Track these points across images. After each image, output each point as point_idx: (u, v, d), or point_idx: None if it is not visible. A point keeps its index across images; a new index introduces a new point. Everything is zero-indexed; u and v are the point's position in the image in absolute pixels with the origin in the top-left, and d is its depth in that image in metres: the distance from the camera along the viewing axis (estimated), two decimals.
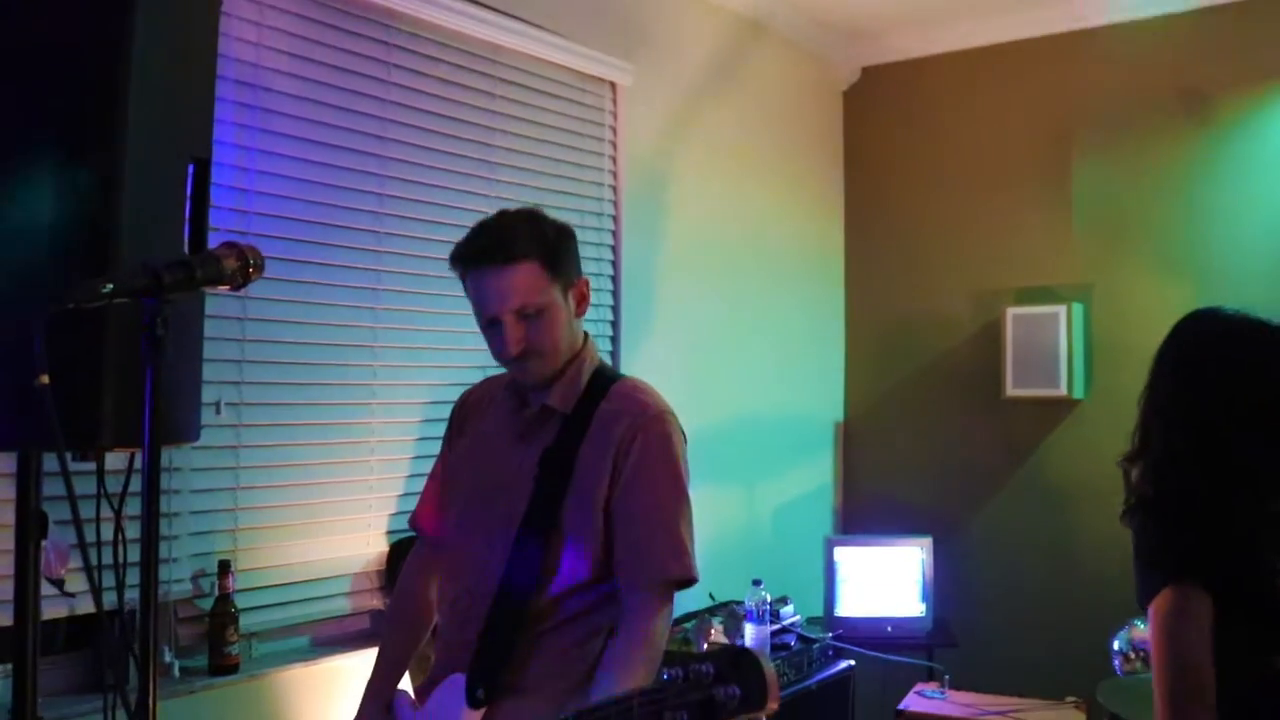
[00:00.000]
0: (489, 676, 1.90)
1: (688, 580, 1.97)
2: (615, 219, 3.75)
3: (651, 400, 2.06)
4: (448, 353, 3.14)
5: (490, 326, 1.98)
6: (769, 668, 1.43)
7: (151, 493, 1.37)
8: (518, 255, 1.94)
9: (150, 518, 1.36)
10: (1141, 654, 3.56)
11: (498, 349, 1.99)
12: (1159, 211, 4.32)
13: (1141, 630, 3.54)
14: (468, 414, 2.20)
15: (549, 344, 1.97)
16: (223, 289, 1.49)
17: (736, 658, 1.43)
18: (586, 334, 2.11)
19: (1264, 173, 4.12)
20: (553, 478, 1.97)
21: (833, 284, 5.01)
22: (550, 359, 1.99)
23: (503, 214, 2.06)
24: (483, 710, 1.89)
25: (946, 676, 3.85)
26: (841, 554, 4.25)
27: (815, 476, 4.86)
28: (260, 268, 1.50)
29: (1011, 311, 4.43)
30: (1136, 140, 4.37)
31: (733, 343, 4.27)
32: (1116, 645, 3.64)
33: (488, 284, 1.95)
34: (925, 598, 4.19)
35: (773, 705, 1.44)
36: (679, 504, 2.00)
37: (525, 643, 1.93)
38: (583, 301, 2.06)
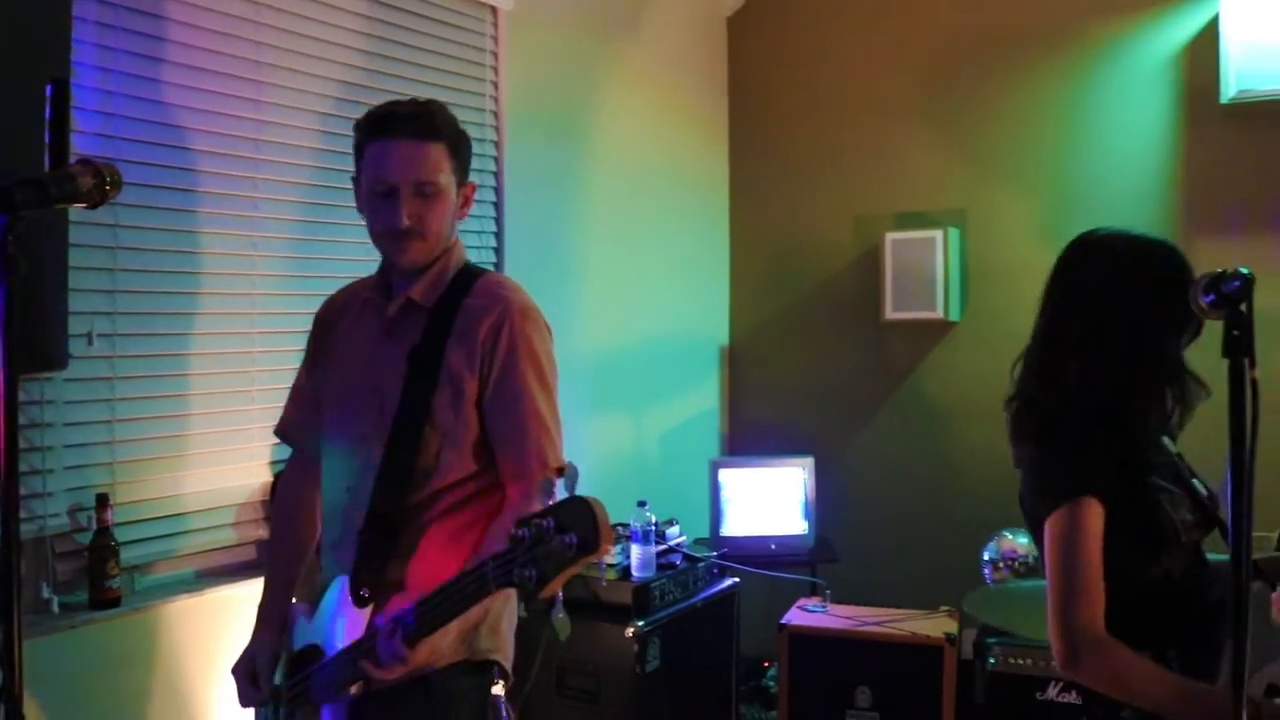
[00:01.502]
0: (372, 575, 1.93)
1: (559, 469, 2.02)
2: (498, 145, 3.72)
3: (515, 295, 2.09)
4: (330, 280, 3.09)
5: (384, 198, 2.00)
6: (601, 513, 1.51)
7: (10, 419, 1.33)
8: (433, 134, 2.00)
9: (10, 446, 1.33)
10: (1009, 563, 3.74)
11: (385, 221, 2.00)
12: (1029, 138, 4.44)
13: (1010, 540, 3.72)
14: (331, 320, 2.22)
15: (434, 227, 2.01)
16: (79, 206, 1.45)
17: (572, 507, 1.50)
18: (457, 237, 2.14)
19: (1127, 99, 4.26)
20: (422, 375, 2.00)
21: (717, 209, 5.05)
22: (430, 242, 2.03)
23: (418, 99, 2.09)
24: (369, 609, 1.92)
25: (828, 591, 3.99)
26: (726, 475, 4.34)
27: (702, 400, 4.94)
28: (117, 185, 1.46)
29: (890, 237, 4.53)
30: (1008, 69, 4.47)
31: (618, 268, 4.29)
32: (986, 556, 3.82)
33: (396, 153, 1.98)
34: (808, 516, 4.31)
35: (606, 547, 1.52)
36: (547, 399, 2.05)
37: (406, 539, 1.96)
38: (466, 204, 2.11)
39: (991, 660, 3.34)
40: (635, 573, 3.50)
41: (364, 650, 1.84)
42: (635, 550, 3.51)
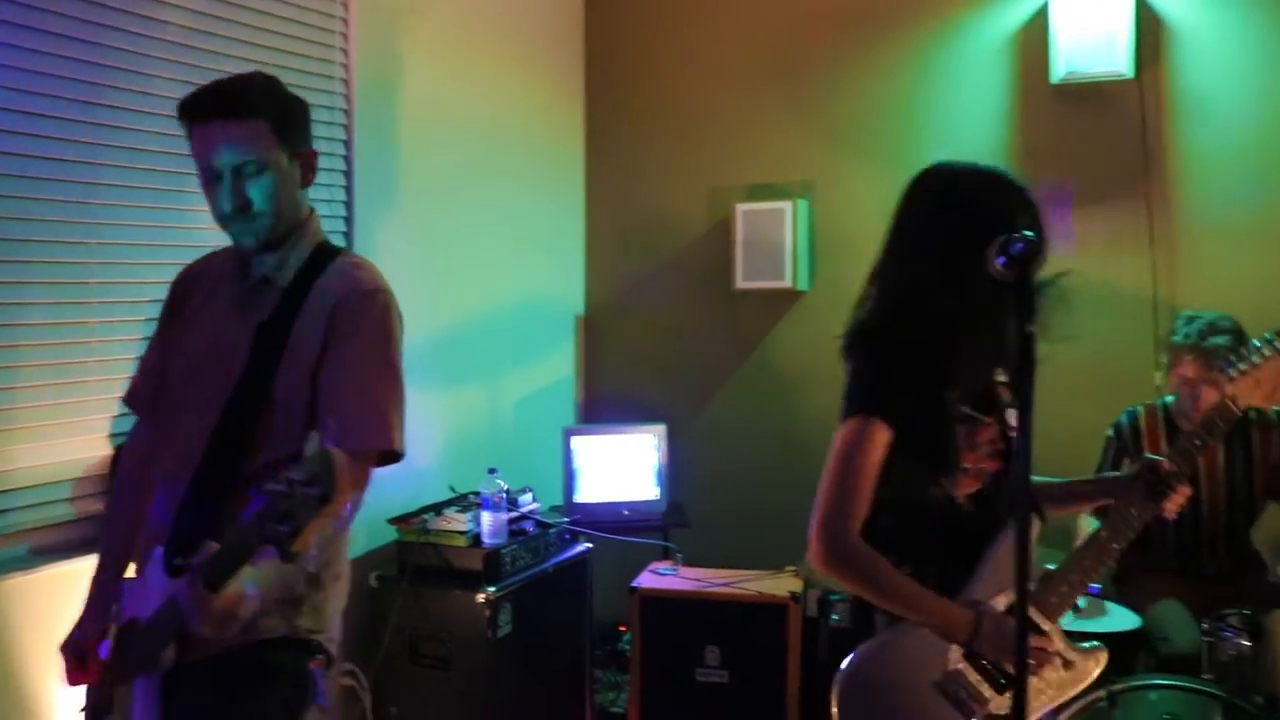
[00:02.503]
0: (187, 545, 1.88)
1: (390, 453, 2.03)
2: (347, 113, 3.66)
3: (368, 277, 2.08)
4: (173, 250, 3.02)
5: (212, 183, 1.97)
6: (340, 462, 1.56)
7: None
8: (245, 111, 1.95)
9: None
10: None
11: (214, 206, 1.99)
12: (875, 113, 4.58)
13: None
14: (187, 289, 2.18)
15: (267, 205, 1.98)
16: None
17: (320, 459, 1.55)
18: (313, 209, 2.12)
19: (966, 77, 4.44)
20: (267, 350, 1.99)
21: (573, 178, 5.07)
22: (266, 220, 1.99)
23: (238, 75, 2.05)
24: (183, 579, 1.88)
25: (679, 555, 4.08)
26: (579, 443, 4.39)
27: (557, 368, 4.97)
28: None
29: (741, 208, 4.63)
30: (855, 45, 4.60)
31: (472, 237, 4.28)
32: None
33: (212, 137, 1.95)
34: (660, 482, 4.40)
35: (341, 498, 1.57)
36: (386, 379, 2.04)
37: (230, 514, 1.90)
38: (310, 172, 2.08)
39: (835, 617, 3.48)
40: (486, 539, 3.53)
41: (168, 613, 1.83)
42: (486, 517, 3.54)
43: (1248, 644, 2.75)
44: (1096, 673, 2.11)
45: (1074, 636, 2.97)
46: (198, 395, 2.03)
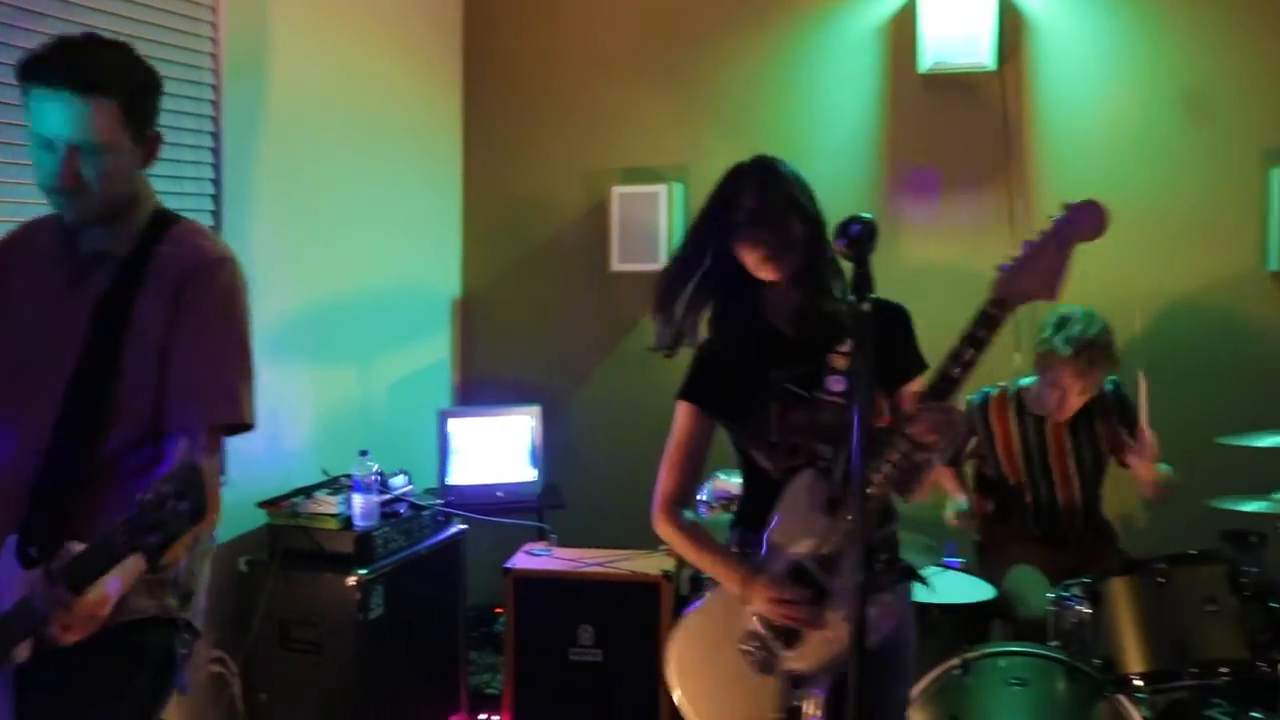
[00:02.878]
0: (42, 534, 1.84)
1: (239, 424, 1.98)
2: (215, 88, 3.56)
3: (212, 245, 2.03)
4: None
5: (43, 149, 1.88)
6: (210, 480, 1.57)
7: None
8: (96, 88, 1.85)
9: None
10: (723, 502, 3.94)
11: (44, 175, 1.89)
12: (748, 98, 4.66)
13: (723, 481, 3.92)
14: (4, 264, 2.07)
15: (102, 185, 1.91)
16: None
17: (188, 474, 1.55)
18: (146, 181, 2.05)
19: (837, 65, 4.54)
20: (108, 326, 1.92)
21: (450, 161, 5.03)
22: (96, 201, 1.92)
23: (92, 38, 1.94)
24: (39, 570, 1.83)
25: (553, 535, 4.10)
26: (454, 425, 4.37)
27: (433, 351, 4.94)
28: None
29: (617, 191, 4.66)
30: (729, 31, 4.67)
31: (346, 217, 4.22)
32: (701, 496, 4.02)
33: (56, 107, 1.85)
34: (535, 463, 4.41)
35: (212, 516, 1.59)
36: (233, 349, 1.99)
37: (85, 496, 1.88)
38: (150, 156, 2.00)
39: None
40: (357, 522, 3.50)
41: (25, 609, 1.78)
42: (357, 500, 3.51)
43: (1088, 611, 2.88)
44: (881, 630, 2.13)
45: (951, 609, 3.11)
46: (36, 379, 1.95)
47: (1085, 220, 2.03)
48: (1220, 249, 4.19)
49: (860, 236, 1.63)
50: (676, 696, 2.33)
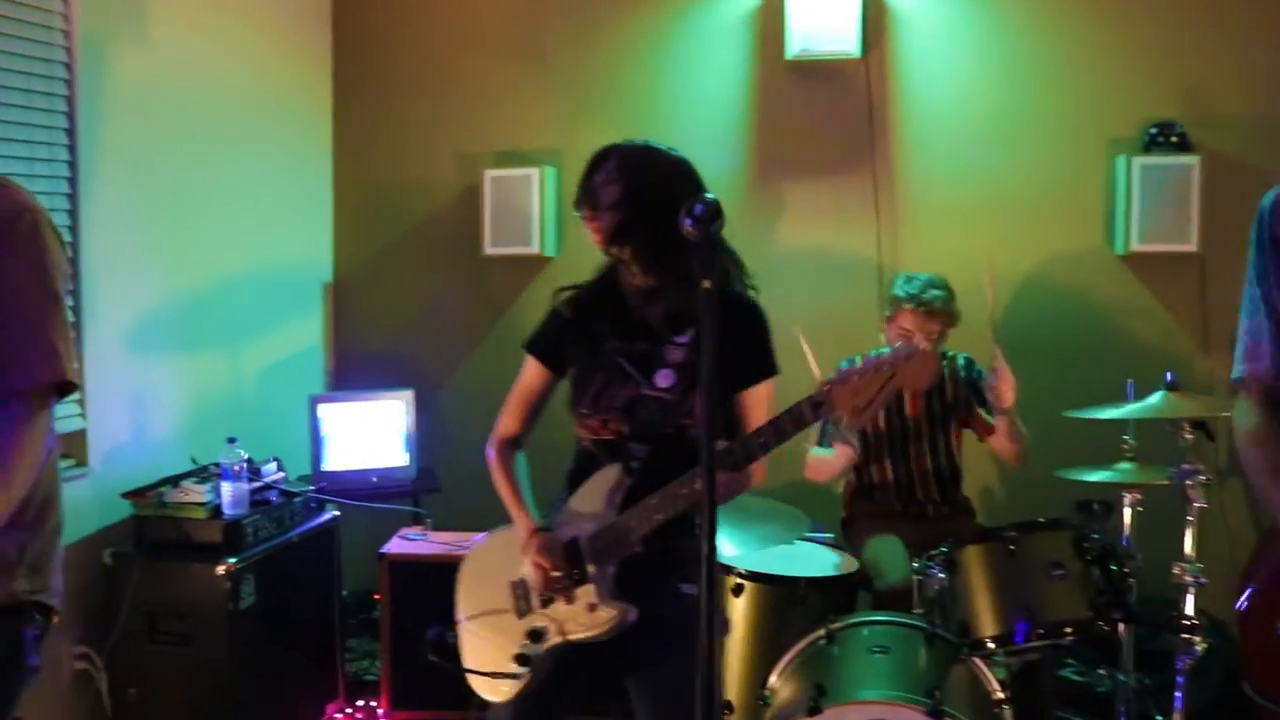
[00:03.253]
0: None
1: (63, 385, 1.94)
2: (69, 66, 3.44)
3: (13, 196, 1.95)
4: None
5: None
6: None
7: None
8: None
9: None
10: None
11: None
12: (620, 82, 4.70)
13: None
14: None
15: None
16: None
17: None
18: None
19: (707, 50, 4.61)
20: None
21: (320, 142, 4.96)
22: None
23: None
24: None
25: (429, 520, 4.10)
26: (326, 411, 4.33)
27: (304, 336, 4.87)
28: None
29: (490, 174, 4.66)
30: (600, 14, 4.71)
31: (210, 199, 4.12)
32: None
33: None
34: (409, 448, 4.39)
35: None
36: (47, 305, 1.92)
37: None
38: None
39: None
40: (226, 510, 3.45)
41: None
42: (226, 488, 3.46)
43: (945, 578, 3.00)
44: (609, 626, 2.30)
45: (817, 582, 3.20)
46: None
47: (917, 370, 2.05)
48: (1070, 232, 4.39)
49: (702, 217, 1.67)
50: (458, 598, 2.57)
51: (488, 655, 2.43)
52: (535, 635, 2.33)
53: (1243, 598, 1.95)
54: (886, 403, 2.07)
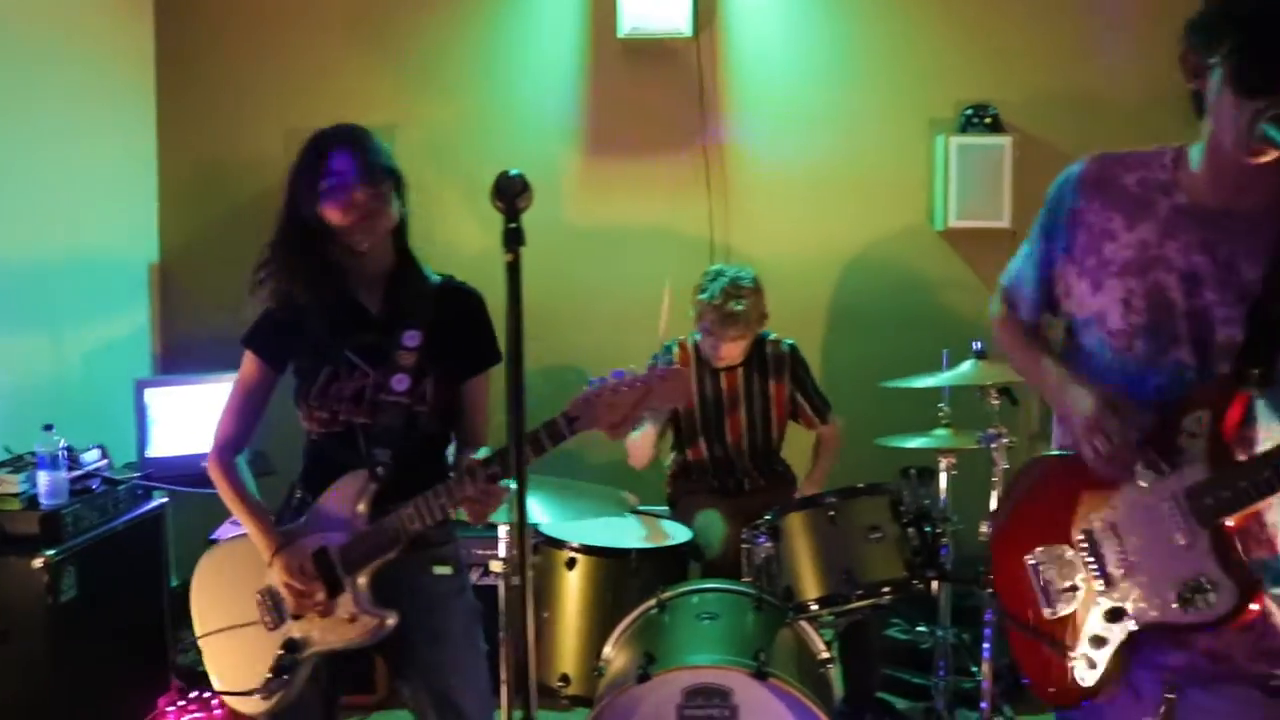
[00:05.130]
0: None
1: None
2: None
3: None
4: None
5: None
6: None
7: None
8: None
9: None
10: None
11: None
12: (454, 58, 4.68)
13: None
14: None
15: None
16: None
17: None
18: None
19: (542, 26, 4.63)
20: None
21: (143, 118, 4.77)
22: None
23: None
24: None
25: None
26: (152, 395, 4.20)
27: (130, 319, 4.71)
28: None
29: None
30: None
31: (27, 178, 3.94)
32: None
33: None
34: None
35: None
36: None
37: None
38: None
39: None
40: (43, 501, 3.33)
41: None
42: (42, 477, 3.33)
43: (771, 546, 3.11)
44: (369, 635, 2.31)
45: (648, 554, 3.26)
46: None
47: (672, 388, 2.12)
48: (894, 209, 4.57)
49: (507, 191, 1.68)
50: (194, 614, 2.48)
51: (240, 670, 2.37)
52: (291, 647, 2.31)
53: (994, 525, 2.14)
54: (639, 419, 2.16)
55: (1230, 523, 1.69)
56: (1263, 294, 1.69)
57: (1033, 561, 1.93)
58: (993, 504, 3.31)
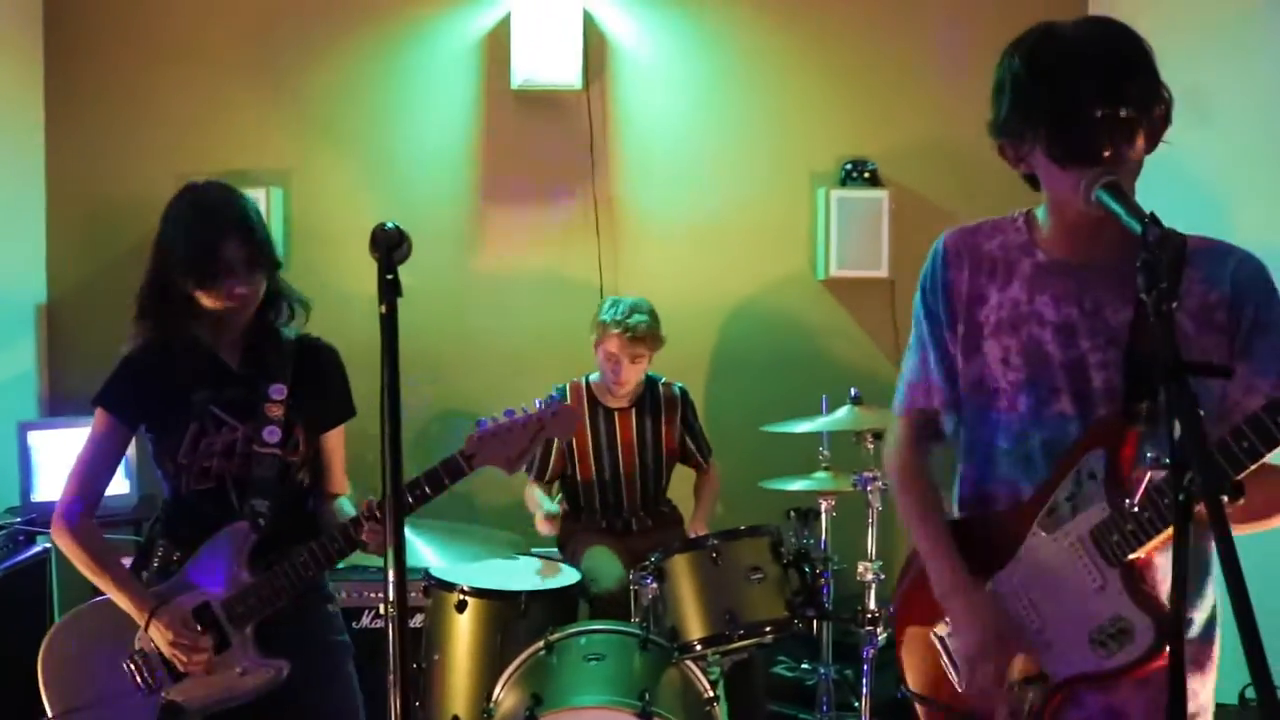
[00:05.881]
0: None
1: None
2: None
3: None
4: None
5: None
6: None
7: None
8: None
9: None
10: None
11: None
12: (350, 106, 4.73)
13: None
14: None
15: None
16: None
17: None
18: None
19: (436, 77, 4.72)
20: None
21: (31, 156, 4.71)
22: None
23: None
24: None
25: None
26: (37, 438, 4.15)
27: (14, 360, 4.63)
28: None
29: None
30: (330, 36, 4.71)
31: None
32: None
33: None
34: (129, 475, 4.26)
35: None
36: None
37: None
38: None
39: None
40: None
41: None
42: None
43: (657, 586, 3.20)
44: (264, 686, 2.33)
45: (538, 595, 3.31)
46: None
47: (563, 422, 2.33)
48: (778, 258, 4.75)
49: (384, 243, 1.71)
50: (42, 685, 2.41)
51: None
52: (172, 712, 2.29)
53: (895, 603, 2.11)
54: (534, 452, 2.31)
55: (1139, 558, 1.69)
56: (1132, 336, 1.70)
57: (940, 634, 1.91)
58: (870, 545, 3.46)
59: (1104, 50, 1.67)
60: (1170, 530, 1.60)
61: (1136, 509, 1.65)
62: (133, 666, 2.34)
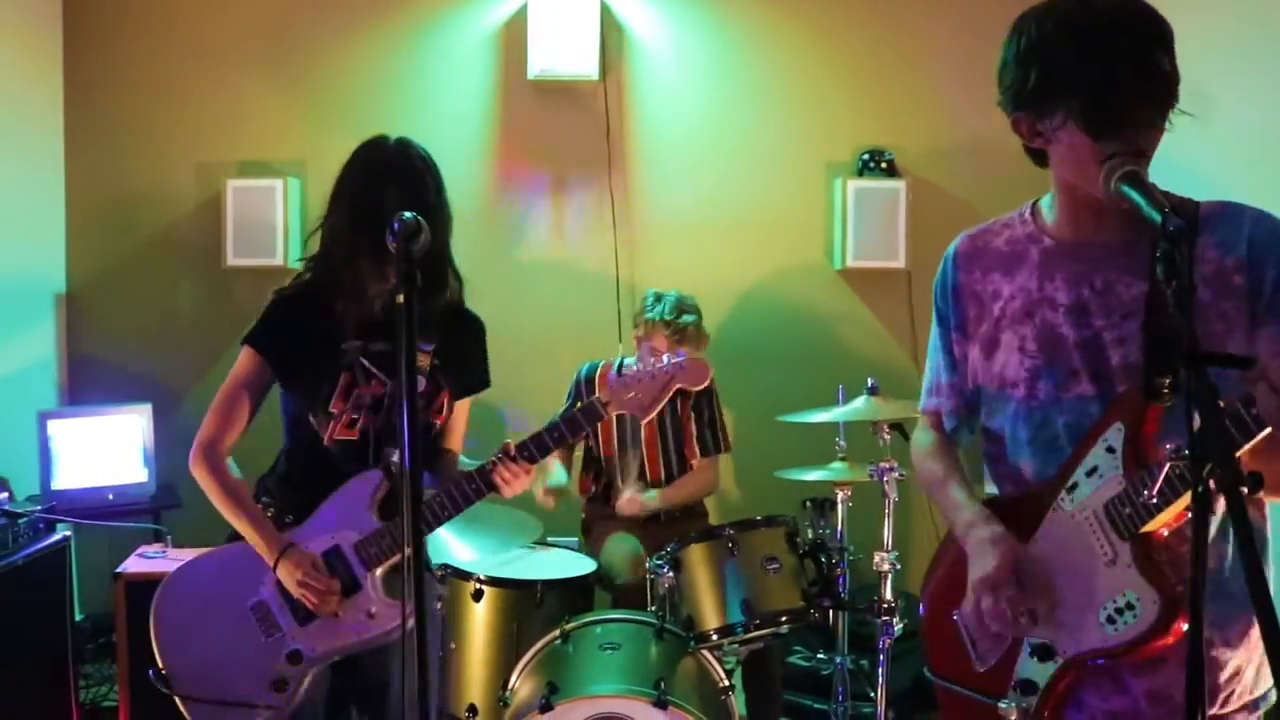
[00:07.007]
0: None
1: None
2: None
3: None
4: None
5: None
6: None
7: None
8: None
9: None
10: None
11: None
12: (366, 96, 4.75)
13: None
14: None
15: None
16: None
17: None
18: None
19: (453, 66, 4.73)
20: None
21: (50, 148, 4.74)
22: None
23: None
24: None
25: (169, 536, 4.01)
26: (56, 427, 4.18)
27: (34, 350, 4.66)
28: None
29: (232, 184, 4.59)
30: (347, 27, 4.74)
31: None
32: None
33: None
34: (148, 463, 4.29)
35: None
36: None
37: None
38: None
39: None
40: None
41: None
42: None
43: (673, 576, 3.21)
44: (393, 628, 2.35)
45: (554, 584, 3.31)
46: None
47: (694, 373, 2.46)
48: (794, 248, 4.74)
49: (401, 233, 1.73)
50: (157, 649, 2.42)
51: (234, 687, 2.36)
52: (294, 657, 2.33)
53: (924, 587, 2.11)
54: (664, 401, 2.42)
55: (1154, 530, 1.67)
56: (1148, 311, 1.69)
57: (959, 617, 1.91)
58: (886, 536, 3.45)
59: (1141, 19, 1.65)
60: (1184, 501, 1.59)
61: (1155, 500, 1.63)
62: (254, 614, 2.36)
